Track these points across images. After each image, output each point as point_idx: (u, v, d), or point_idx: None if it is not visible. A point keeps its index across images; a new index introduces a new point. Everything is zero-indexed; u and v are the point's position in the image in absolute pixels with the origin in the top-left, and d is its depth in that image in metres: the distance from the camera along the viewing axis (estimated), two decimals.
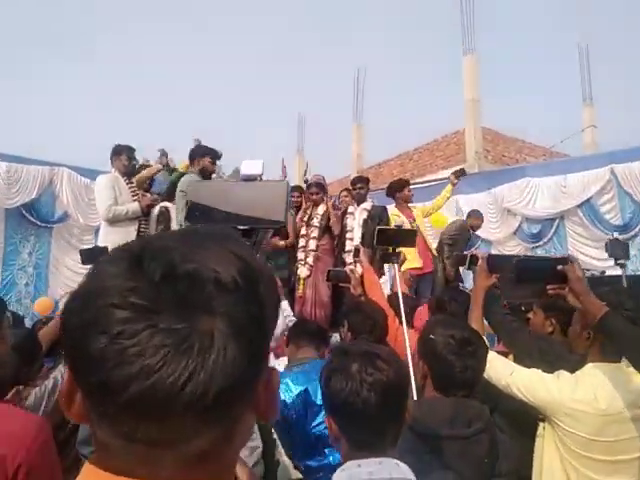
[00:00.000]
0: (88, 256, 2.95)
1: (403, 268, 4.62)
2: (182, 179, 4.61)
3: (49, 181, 7.76)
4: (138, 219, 4.73)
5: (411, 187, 5.86)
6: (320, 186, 5.53)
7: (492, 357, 1.82)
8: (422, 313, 3.05)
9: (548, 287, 2.27)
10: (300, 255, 5.35)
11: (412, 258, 5.31)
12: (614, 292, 2.87)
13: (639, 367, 1.72)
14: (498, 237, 7.78)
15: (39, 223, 7.69)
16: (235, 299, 0.44)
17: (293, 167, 16.61)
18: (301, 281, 5.24)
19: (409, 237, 2.91)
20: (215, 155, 4.73)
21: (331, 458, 2.03)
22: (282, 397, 2.12)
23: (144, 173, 5.13)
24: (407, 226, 5.50)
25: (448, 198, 6.06)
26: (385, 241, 2.93)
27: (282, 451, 1.91)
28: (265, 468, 1.78)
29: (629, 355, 1.78)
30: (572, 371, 2.13)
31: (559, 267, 1.85)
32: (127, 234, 4.63)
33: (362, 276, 3.19)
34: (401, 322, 2.62)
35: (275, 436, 1.89)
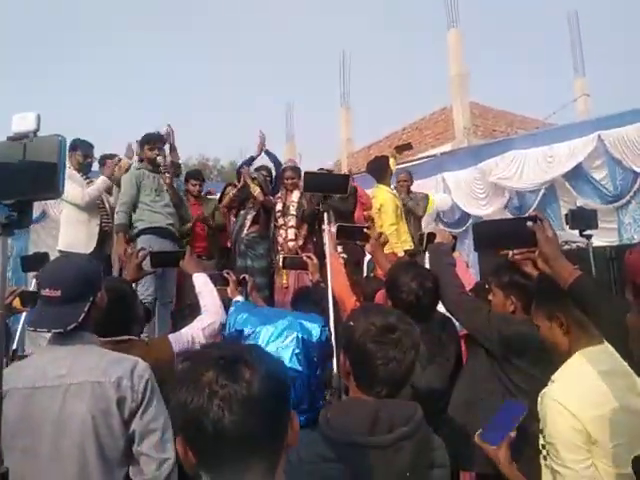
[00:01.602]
0: (30, 263, 2.76)
1: (388, 250, 4.40)
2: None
3: None
4: (100, 214, 4.56)
5: (400, 165, 5.67)
6: (295, 170, 5.32)
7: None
8: (380, 298, 2.88)
9: (515, 252, 2.07)
10: (282, 243, 5.16)
11: (405, 240, 5.12)
12: (577, 251, 2.66)
13: (612, 340, 1.46)
14: (488, 213, 7.54)
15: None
16: None
17: (283, 155, 16.42)
18: (283, 270, 5.06)
19: (340, 182, 2.65)
20: (144, 141, 4.43)
21: None
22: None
23: (121, 165, 4.86)
24: (400, 209, 5.34)
25: (394, 171, 5.90)
26: (313, 187, 2.72)
27: None
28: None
29: (602, 325, 1.48)
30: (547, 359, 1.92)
31: (528, 224, 1.60)
32: (89, 229, 4.48)
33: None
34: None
35: None
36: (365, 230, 2.89)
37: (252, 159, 5.70)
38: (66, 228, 4.50)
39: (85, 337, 1.64)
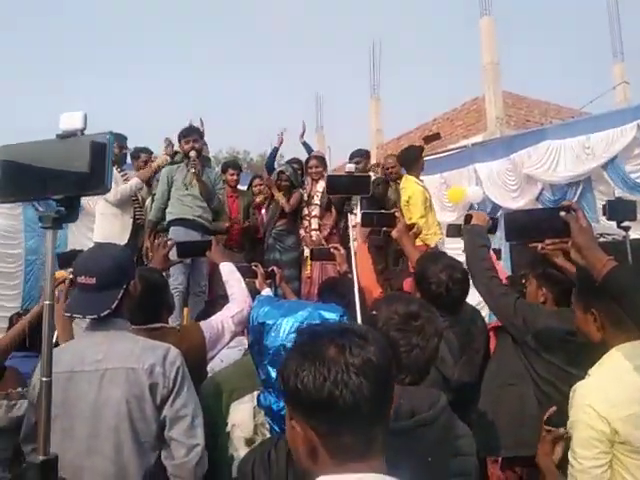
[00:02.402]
0: (66, 260, 2.83)
1: (419, 242, 4.37)
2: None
3: None
4: (133, 207, 4.66)
5: (430, 157, 5.57)
6: (320, 160, 5.33)
7: None
8: (407, 286, 2.87)
9: (548, 242, 2.04)
10: (304, 235, 5.20)
11: (435, 232, 5.06)
12: (614, 244, 2.57)
13: None
14: (519, 205, 7.37)
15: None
16: None
17: (313, 146, 16.41)
18: (307, 262, 5.09)
19: (362, 183, 2.66)
20: (181, 135, 4.48)
21: None
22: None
23: (152, 165, 4.96)
24: (429, 200, 5.23)
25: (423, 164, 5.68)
26: (336, 189, 2.73)
27: (239, 443, 1.77)
28: (215, 465, 1.66)
29: (638, 319, 1.43)
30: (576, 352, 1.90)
31: (561, 214, 1.58)
32: (123, 222, 4.59)
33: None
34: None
35: (230, 427, 1.76)
36: (395, 214, 2.85)
37: (276, 150, 5.77)
38: (101, 221, 4.62)
39: (119, 324, 1.69)
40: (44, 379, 0.77)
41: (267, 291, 2.82)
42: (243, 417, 1.70)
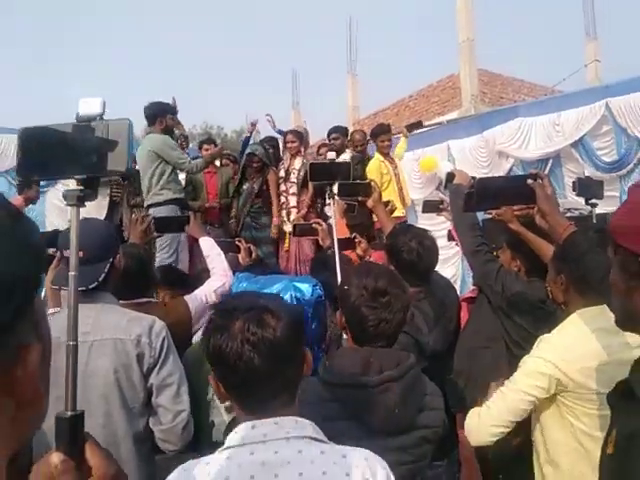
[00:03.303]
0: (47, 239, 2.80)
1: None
2: (149, 137, 4.48)
3: None
4: (110, 185, 4.64)
5: (389, 136, 5.60)
6: (296, 134, 5.36)
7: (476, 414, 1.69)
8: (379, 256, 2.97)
9: (515, 208, 2.15)
10: (282, 212, 5.24)
11: (397, 206, 5.20)
12: (581, 218, 2.69)
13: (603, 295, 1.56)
14: None
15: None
16: None
17: (289, 123, 16.31)
18: (286, 235, 5.16)
19: (343, 170, 2.75)
20: (174, 111, 4.61)
21: None
22: None
23: (213, 154, 5.07)
24: (390, 174, 5.36)
25: (405, 150, 6.04)
26: (318, 176, 2.81)
27: (219, 410, 1.86)
28: (196, 430, 1.75)
29: (594, 282, 1.53)
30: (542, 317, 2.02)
31: (528, 181, 1.67)
32: (99, 200, 4.56)
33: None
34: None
35: (211, 395, 1.84)
36: (371, 183, 2.93)
37: (247, 139, 5.80)
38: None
39: (106, 297, 1.74)
40: (71, 343, 0.84)
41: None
42: None
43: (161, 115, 4.41)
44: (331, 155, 2.90)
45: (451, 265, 7.39)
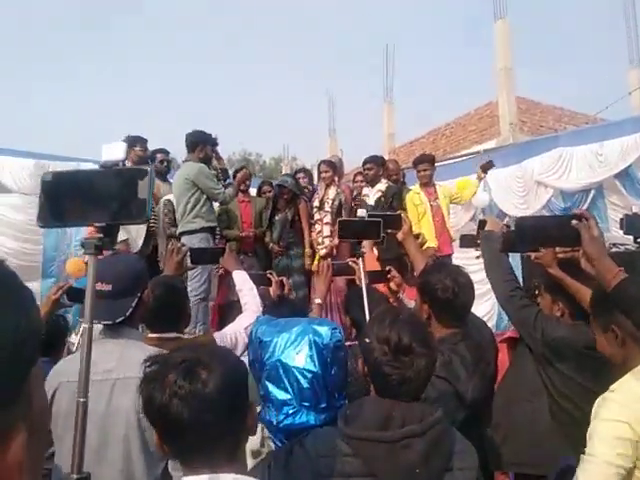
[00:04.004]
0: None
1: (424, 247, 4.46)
2: (186, 164, 4.58)
3: None
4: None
5: (442, 163, 5.55)
6: (329, 164, 5.38)
7: None
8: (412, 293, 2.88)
9: (558, 250, 2.04)
10: (316, 240, 5.23)
11: (429, 238, 5.10)
12: (628, 254, 2.54)
13: None
14: (525, 213, 7.30)
15: None
16: None
17: (325, 150, 16.46)
18: (316, 259, 5.14)
19: (372, 228, 2.69)
20: (214, 142, 4.69)
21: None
22: None
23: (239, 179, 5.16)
24: (424, 206, 5.28)
25: (475, 193, 5.88)
26: (348, 234, 2.75)
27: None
28: None
29: None
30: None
31: (573, 222, 1.57)
32: (138, 228, 4.62)
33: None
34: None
35: None
36: (401, 215, 2.83)
37: None
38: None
39: (132, 333, 1.72)
40: (81, 400, 0.81)
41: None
42: None
43: (201, 144, 4.50)
44: (361, 213, 2.84)
45: (485, 302, 7.17)
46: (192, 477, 0.99)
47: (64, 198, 0.92)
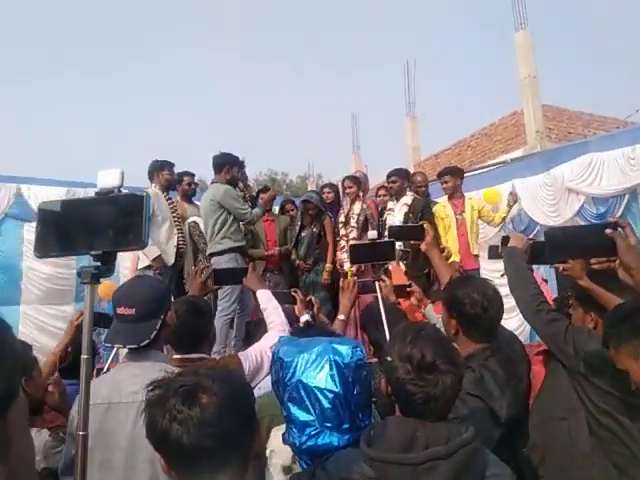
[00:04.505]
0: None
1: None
2: (212, 186, 4.66)
3: None
4: (177, 235, 4.78)
5: (468, 174, 5.51)
6: (353, 179, 5.39)
7: None
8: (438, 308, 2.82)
9: (593, 261, 1.96)
10: (341, 256, 5.22)
11: (453, 252, 5.02)
12: None
13: None
14: (557, 221, 7.12)
15: None
16: None
17: (349, 167, 16.49)
18: (349, 274, 5.11)
19: (385, 249, 2.62)
20: (241, 164, 4.81)
21: None
22: None
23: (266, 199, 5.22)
24: (449, 219, 5.21)
25: (504, 219, 5.83)
26: (360, 258, 2.69)
27: (276, 468, 1.78)
28: None
29: None
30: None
31: (607, 231, 1.50)
32: (169, 248, 4.71)
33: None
34: None
35: (268, 453, 1.77)
36: (424, 226, 2.76)
37: None
38: (149, 248, 4.73)
39: (157, 355, 1.73)
40: (81, 433, 0.79)
41: (306, 317, 2.83)
42: (282, 444, 1.70)
43: (228, 165, 4.58)
44: (372, 235, 2.79)
45: (516, 316, 6.99)
46: None
47: (60, 227, 0.92)
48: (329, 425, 1.37)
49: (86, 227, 0.90)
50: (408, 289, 2.92)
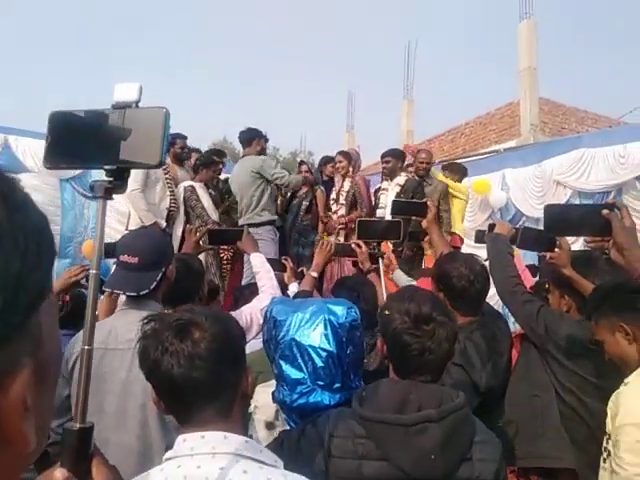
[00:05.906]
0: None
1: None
2: (248, 158, 4.78)
3: None
4: (169, 197, 4.73)
5: (461, 161, 5.62)
6: (344, 154, 5.39)
7: None
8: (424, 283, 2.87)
9: (588, 240, 2.01)
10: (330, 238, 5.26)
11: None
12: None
13: None
14: (541, 214, 7.23)
15: (88, 194, 7.78)
16: None
17: (342, 146, 16.40)
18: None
19: (393, 228, 2.65)
20: (266, 137, 4.99)
21: None
22: None
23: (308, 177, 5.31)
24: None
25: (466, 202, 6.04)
26: (367, 234, 2.72)
27: (260, 424, 1.83)
28: None
29: None
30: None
31: (604, 212, 1.53)
32: (160, 211, 4.64)
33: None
34: None
35: (252, 408, 1.82)
36: (427, 203, 2.76)
37: None
38: (145, 214, 4.64)
39: (155, 306, 1.75)
40: (86, 347, 0.77)
41: (295, 285, 2.85)
42: (266, 400, 1.72)
43: (257, 137, 4.82)
44: (380, 212, 2.81)
45: (495, 304, 7.12)
46: (185, 435, 1.01)
47: (73, 139, 0.86)
48: (321, 384, 1.39)
49: (101, 140, 0.84)
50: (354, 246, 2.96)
